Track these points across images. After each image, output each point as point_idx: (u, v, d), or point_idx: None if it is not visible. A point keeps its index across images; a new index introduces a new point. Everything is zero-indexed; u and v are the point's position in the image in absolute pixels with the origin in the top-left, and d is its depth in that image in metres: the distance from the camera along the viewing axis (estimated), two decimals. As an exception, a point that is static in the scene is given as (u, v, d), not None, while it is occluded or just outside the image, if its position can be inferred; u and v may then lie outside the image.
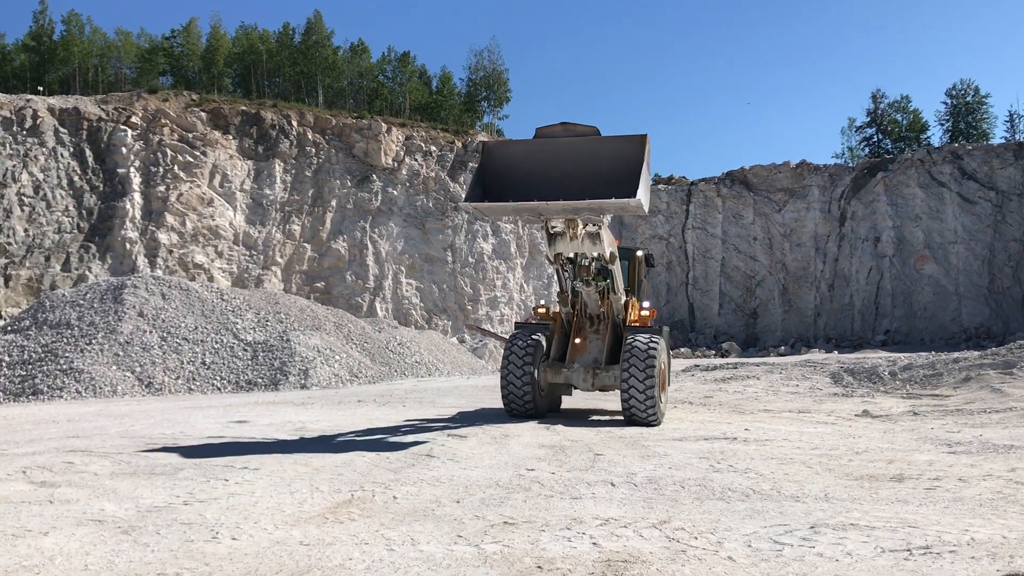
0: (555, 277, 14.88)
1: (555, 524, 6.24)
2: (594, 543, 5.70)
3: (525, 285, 57.84)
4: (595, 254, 12.63)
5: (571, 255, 13.07)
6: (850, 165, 66.31)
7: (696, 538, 5.83)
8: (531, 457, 9.54)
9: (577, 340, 14.52)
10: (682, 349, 53.40)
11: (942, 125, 75.21)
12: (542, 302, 17.25)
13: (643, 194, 10.73)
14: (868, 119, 77.02)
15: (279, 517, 6.60)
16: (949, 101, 74.66)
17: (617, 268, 13.56)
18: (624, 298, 14.54)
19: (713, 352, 52.99)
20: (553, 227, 12.13)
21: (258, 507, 7.00)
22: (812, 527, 6.12)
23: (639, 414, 12.81)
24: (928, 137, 74.55)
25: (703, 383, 24.04)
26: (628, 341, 13.22)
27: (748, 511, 6.70)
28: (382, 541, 5.79)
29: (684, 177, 68.41)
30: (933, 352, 33.60)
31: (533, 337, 14.17)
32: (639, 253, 16.40)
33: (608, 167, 11.16)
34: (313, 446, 11.23)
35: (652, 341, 13.04)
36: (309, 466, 9.25)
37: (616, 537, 5.86)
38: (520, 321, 17.35)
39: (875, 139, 76.59)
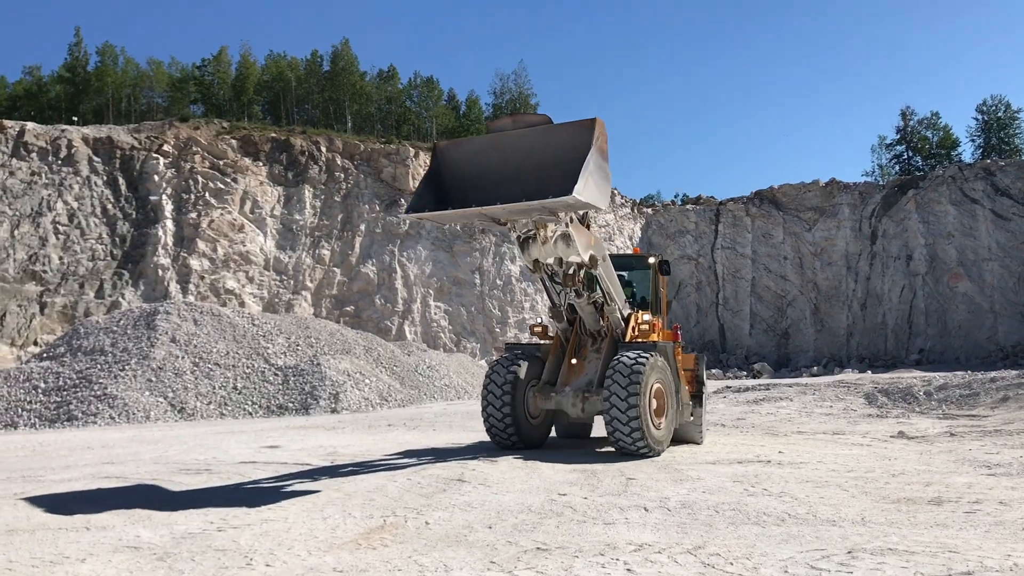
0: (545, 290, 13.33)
1: (589, 550, 6.19)
2: (628, 569, 5.65)
3: (553, 307, 57.69)
4: (573, 259, 11.17)
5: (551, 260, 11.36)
6: (880, 183, 65.78)
7: (731, 564, 5.75)
8: (563, 481, 9.49)
9: (574, 361, 13.11)
10: (713, 370, 53.00)
11: (973, 141, 74.52)
12: (539, 319, 15.74)
13: (591, 187, 9.55)
14: (898, 136, 76.48)
15: (312, 543, 6.61)
16: (980, 117, 73.99)
17: (606, 274, 12.14)
18: (627, 311, 13.09)
19: (745, 373, 52.55)
20: (527, 230, 10.92)
21: (291, 533, 7.01)
22: (849, 552, 6.02)
23: (624, 442, 11.42)
24: (959, 153, 73.87)
25: (735, 405, 23.83)
26: (614, 359, 11.77)
27: (784, 536, 6.61)
28: (415, 567, 5.77)
29: (712, 197, 68.23)
30: (969, 371, 33.09)
31: (517, 360, 12.98)
32: (651, 260, 14.66)
33: (562, 158, 9.88)
34: (345, 471, 11.25)
35: (641, 358, 11.50)
36: (341, 491, 9.26)
37: (650, 563, 5.80)
38: (510, 342, 15.87)
39: (905, 156, 75.97)
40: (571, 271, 11.67)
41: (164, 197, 48.26)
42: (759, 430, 16.50)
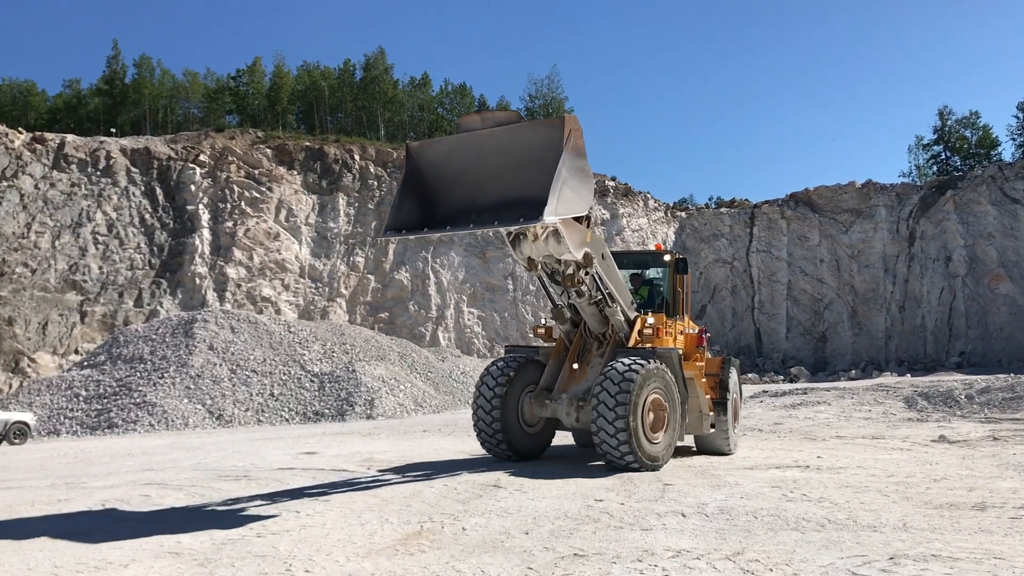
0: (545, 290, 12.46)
1: (626, 556, 6.16)
2: (666, 575, 5.62)
3: (587, 312, 57.63)
4: (567, 257, 10.39)
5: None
6: (918, 184, 64.89)
7: (771, 570, 5.70)
8: (599, 487, 9.46)
9: (575, 366, 12.16)
10: (749, 375, 52.57)
11: (1014, 140, 73.18)
12: (543, 320, 13.90)
13: (566, 200, 9.11)
14: (935, 136, 75.39)
15: (350, 549, 6.65)
16: (1021, 116, 72.69)
17: (606, 273, 11.29)
18: (632, 313, 12.05)
19: (781, 377, 52.05)
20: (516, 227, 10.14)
21: (329, 539, 7.06)
22: (891, 558, 5.94)
23: (611, 455, 10.56)
24: (999, 153, 72.63)
25: (772, 409, 23.61)
26: (608, 365, 10.91)
27: (824, 542, 6.54)
28: (453, 573, 5.79)
29: (747, 200, 67.74)
30: (1011, 374, 32.50)
31: (512, 364, 12.23)
32: (666, 257, 13.42)
33: (539, 157, 9.34)
34: (381, 477, 11.31)
35: (635, 366, 10.60)
36: (378, 497, 9.31)
37: (689, 569, 5.77)
38: (511, 344, 14.86)
39: (943, 157, 74.85)
40: (570, 270, 10.84)
41: (200, 206, 48.88)
42: (797, 435, 16.34)
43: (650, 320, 12.04)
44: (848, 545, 6.41)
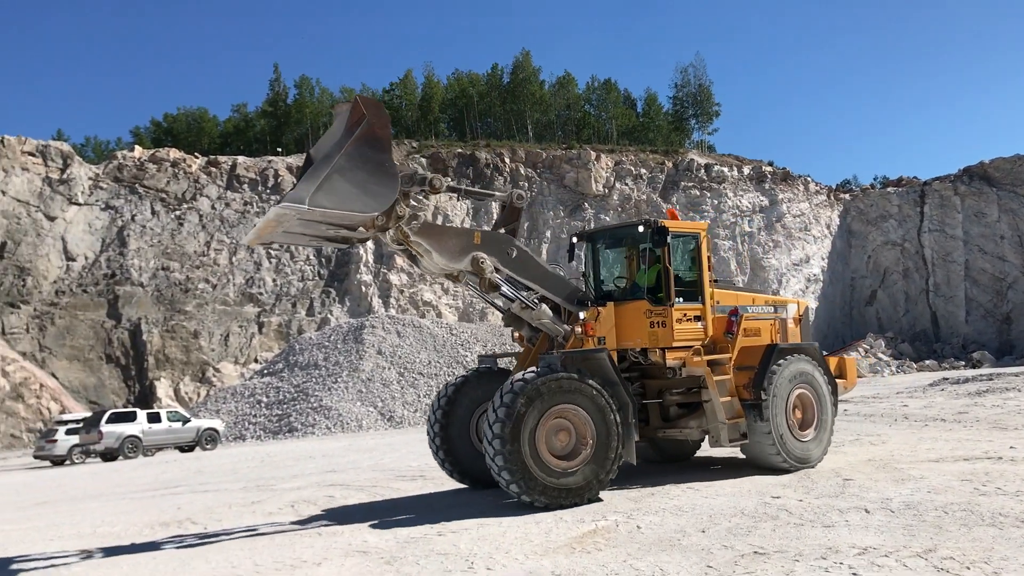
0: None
1: (809, 554, 6.00)
2: (854, 574, 5.44)
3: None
4: (454, 268, 9.35)
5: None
6: (1109, 148, 59.63)
7: (968, 568, 5.42)
8: (774, 484, 9.24)
9: None
10: (927, 361, 49.78)
11: None
12: None
13: (339, 191, 7.97)
14: None
15: (528, 547, 6.79)
16: None
17: (520, 271, 9.75)
18: (576, 309, 9.97)
19: (962, 363, 49.01)
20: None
21: (507, 537, 7.24)
22: (1105, 556, 5.53)
23: (498, 479, 8.62)
24: None
25: (954, 397, 22.27)
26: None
27: (1026, 539, 6.15)
28: (631, 571, 5.81)
29: (915, 178, 64.15)
30: None
31: (469, 377, 10.78)
32: (640, 228, 10.54)
33: (330, 147, 8.54)
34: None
35: (517, 382, 8.68)
36: (550, 495, 9.46)
37: (878, 567, 5.56)
38: (484, 354, 12.11)
39: None
40: (492, 275, 9.39)
41: (362, 217, 50.91)
42: (984, 424, 15.36)
43: (582, 315, 9.77)
44: (1053, 542, 6.00)
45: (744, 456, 10.66)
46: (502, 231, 10.29)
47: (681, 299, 10.27)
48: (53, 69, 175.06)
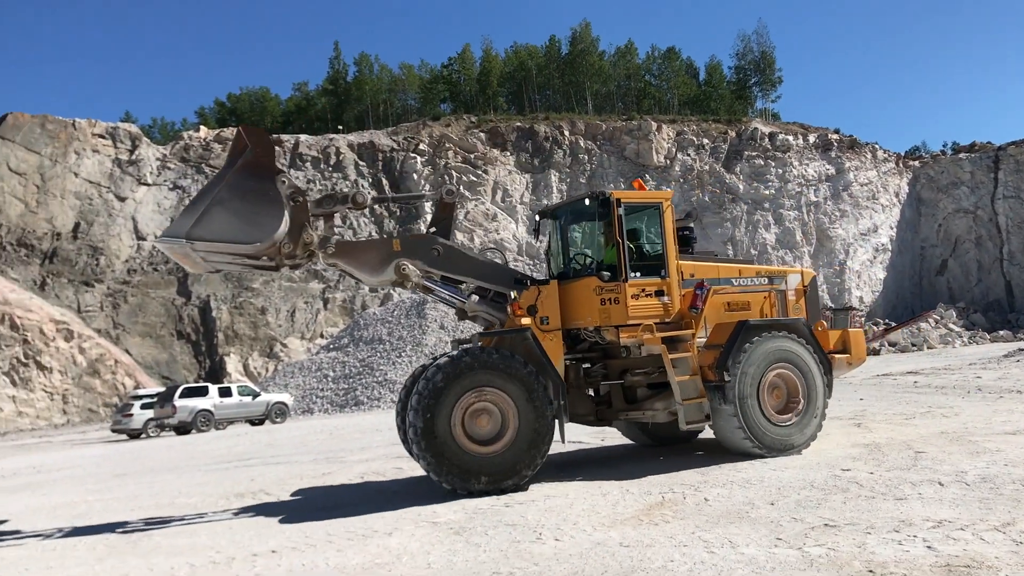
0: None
1: (881, 527, 5.91)
2: (928, 547, 5.34)
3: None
4: (377, 281, 9.50)
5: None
6: None
7: (1049, 543, 5.28)
8: (844, 456, 9.10)
9: None
10: (1001, 332, 48.39)
11: None
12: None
13: (225, 221, 8.02)
14: None
15: (595, 519, 6.82)
16: None
17: (451, 269, 9.66)
18: (511, 292, 9.49)
19: (1038, 333, 47.55)
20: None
21: (574, 509, 7.27)
22: None
23: (421, 464, 8.54)
24: None
25: (1031, 369, 21.62)
26: None
27: (1110, 513, 5.96)
28: (700, 543, 5.79)
29: (989, 143, 62.02)
30: None
31: (438, 360, 9.57)
32: (587, 202, 10.12)
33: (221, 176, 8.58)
34: (618, 449, 11.48)
35: (432, 368, 8.59)
36: (616, 468, 9.46)
37: (953, 540, 5.44)
38: (458, 339, 10.99)
39: None
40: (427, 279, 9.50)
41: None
42: (1064, 396, 14.88)
43: (512, 295, 9.35)
44: None
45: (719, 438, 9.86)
46: (433, 230, 9.99)
47: (638, 274, 9.55)
48: (120, 53, 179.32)
